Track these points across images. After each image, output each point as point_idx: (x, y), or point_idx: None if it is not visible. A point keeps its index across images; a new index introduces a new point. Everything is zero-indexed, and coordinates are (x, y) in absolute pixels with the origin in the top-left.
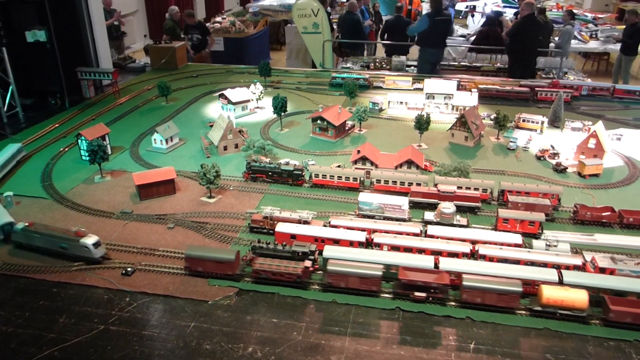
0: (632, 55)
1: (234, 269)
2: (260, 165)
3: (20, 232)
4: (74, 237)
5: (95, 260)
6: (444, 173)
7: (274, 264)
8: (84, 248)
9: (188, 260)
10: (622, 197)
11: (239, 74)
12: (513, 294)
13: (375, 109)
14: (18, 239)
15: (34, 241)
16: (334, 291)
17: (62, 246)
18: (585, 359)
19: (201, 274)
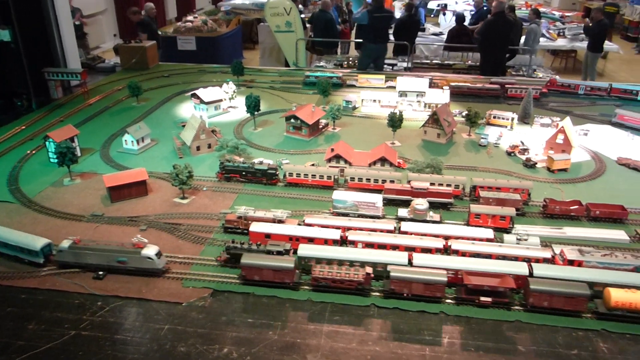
0: (598, 52)
1: (292, 277)
2: (233, 165)
3: (67, 250)
4: (134, 249)
5: (159, 271)
6: (417, 170)
7: (334, 270)
8: (147, 260)
9: (244, 269)
10: (589, 191)
11: (212, 73)
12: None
13: (348, 107)
14: (64, 259)
15: (84, 258)
16: (318, 290)
17: (119, 260)
18: (555, 348)
19: (258, 282)
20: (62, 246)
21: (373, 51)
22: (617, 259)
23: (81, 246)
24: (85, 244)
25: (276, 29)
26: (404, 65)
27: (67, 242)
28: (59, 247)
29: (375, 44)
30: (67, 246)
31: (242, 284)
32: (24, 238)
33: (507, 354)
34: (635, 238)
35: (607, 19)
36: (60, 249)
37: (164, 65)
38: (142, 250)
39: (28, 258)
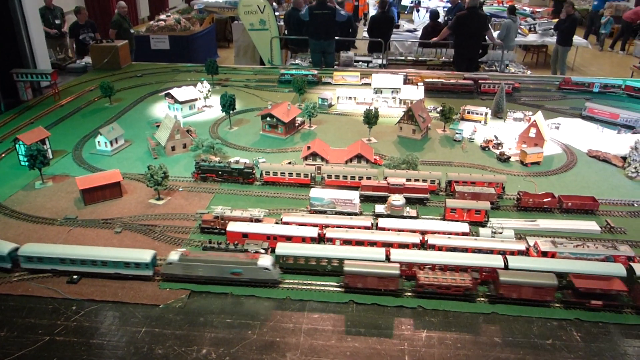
0: (568, 45)
1: (396, 284)
2: (209, 164)
3: (177, 263)
4: (250, 260)
5: (275, 282)
6: (393, 166)
7: (440, 276)
8: (264, 271)
9: (348, 277)
10: (562, 183)
11: (186, 72)
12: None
13: (324, 105)
14: (172, 271)
15: (195, 271)
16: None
17: (234, 272)
18: (530, 339)
19: (361, 290)
20: (171, 258)
21: (318, 47)
22: (589, 249)
23: (192, 258)
24: (196, 256)
25: (250, 27)
26: (379, 62)
27: (176, 254)
28: (167, 259)
29: (317, 40)
30: (177, 258)
31: (344, 292)
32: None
33: (483, 345)
34: (606, 228)
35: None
36: (170, 261)
37: (136, 65)
38: (259, 260)
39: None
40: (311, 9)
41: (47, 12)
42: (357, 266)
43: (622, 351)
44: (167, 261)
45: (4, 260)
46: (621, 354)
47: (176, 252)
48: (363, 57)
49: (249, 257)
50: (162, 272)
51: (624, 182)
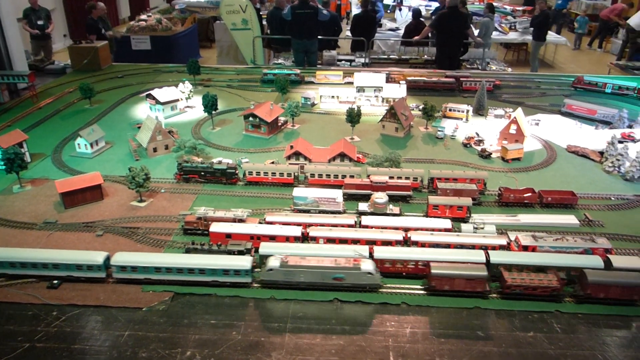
0: (542, 41)
1: (484, 286)
2: (192, 165)
3: (278, 269)
4: (353, 265)
5: (377, 286)
6: (376, 164)
7: (527, 277)
8: (367, 275)
9: (434, 279)
10: (542, 179)
11: (167, 73)
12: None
13: (307, 104)
14: (272, 278)
15: (296, 277)
16: (271, 288)
17: (337, 277)
18: (512, 331)
19: (448, 292)
20: (272, 265)
21: (300, 46)
22: (568, 242)
23: (293, 264)
24: (297, 262)
25: (232, 26)
26: (362, 61)
27: (276, 260)
28: (267, 265)
29: (300, 39)
30: (279, 265)
31: (429, 294)
32: None
33: (466, 339)
34: (585, 222)
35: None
36: (270, 267)
37: (117, 66)
38: (362, 265)
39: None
40: (293, 8)
41: (31, 13)
42: (445, 268)
43: (601, 341)
44: (268, 267)
45: (99, 269)
46: (600, 344)
47: (276, 258)
48: (346, 56)
49: (350, 262)
50: (262, 279)
51: (602, 177)
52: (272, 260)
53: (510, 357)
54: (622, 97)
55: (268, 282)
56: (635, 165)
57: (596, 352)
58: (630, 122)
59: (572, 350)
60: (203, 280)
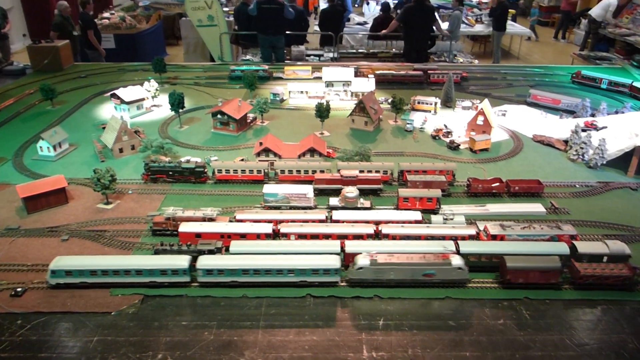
0: (502, 30)
1: (557, 277)
2: (159, 165)
3: (368, 268)
4: (443, 260)
5: (466, 281)
6: (346, 158)
7: (599, 267)
8: (457, 270)
9: (510, 272)
10: (509, 168)
11: (133, 71)
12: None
13: (276, 100)
14: (362, 276)
15: (386, 275)
16: (242, 286)
17: (427, 274)
18: (483, 320)
19: (520, 285)
20: (361, 263)
21: (267, 42)
22: (535, 230)
23: (383, 262)
24: (387, 260)
25: (198, 23)
26: (331, 55)
27: (365, 258)
28: (357, 264)
29: (267, 35)
30: (369, 263)
31: (503, 287)
32: None
33: (438, 329)
34: (551, 209)
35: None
36: (360, 266)
37: (80, 66)
38: (452, 260)
39: None
40: (259, 4)
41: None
42: (521, 261)
43: (568, 325)
44: (357, 266)
45: (185, 274)
46: (567, 328)
47: (364, 256)
48: (314, 51)
49: (439, 257)
50: (351, 278)
51: (567, 165)
52: (361, 259)
53: (481, 345)
54: (616, 93)
55: (357, 281)
56: (598, 153)
57: (564, 337)
58: (592, 111)
59: (541, 336)
60: (291, 281)
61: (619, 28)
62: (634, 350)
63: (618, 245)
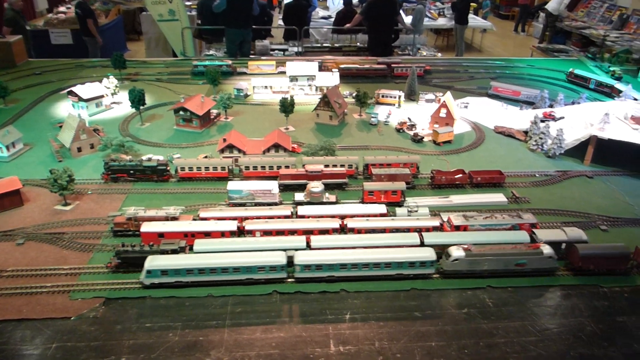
0: (465, 24)
1: (626, 263)
2: (120, 164)
3: (464, 259)
4: (534, 250)
5: (556, 269)
6: (311, 153)
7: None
8: (548, 259)
9: (583, 259)
10: (472, 160)
11: (91, 68)
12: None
13: (240, 96)
14: (457, 268)
15: (481, 265)
16: (210, 285)
17: (519, 263)
18: (447, 309)
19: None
20: (457, 255)
21: (237, 36)
22: (497, 220)
23: (478, 253)
24: (480, 251)
25: (159, 17)
26: (295, 50)
27: (458, 250)
28: (452, 256)
29: (238, 28)
30: (464, 255)
31: (574, 274)
32: None
33: (405, 321)
34: (512, 199)
35: None
36: (456, 257)
37: (34, 62)
38: (544, 250)
39: None
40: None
41: None
42: (592, 248)
43: (530, 311)
44: (453, 258)
45: (282, 270)
46: (529, 314)
47: (458, 248)
48: (279, 45)
49: (529, 247)
50: (446, 270)
51: (527, 155)
52: (456, 251)
53: (447, 335)
54: (603, 95)
55: (451, 273)
56: (556, 143)
57: (526, 323)
58: (551, 102)
59: (504, 323)
60: (388, 274)
61: (575, 21)
62: (592, 332)
63: (575, 232)
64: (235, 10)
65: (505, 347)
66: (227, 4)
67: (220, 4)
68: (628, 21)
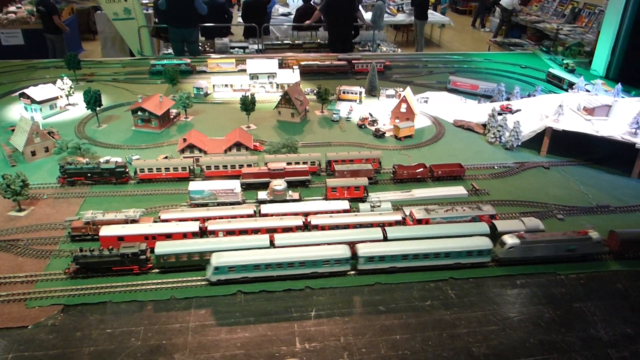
0: (424, 19)
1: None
2: (77, 167)
3: (518, 246)
4: (583, 235)
5: (602, 253)
6: (274, 151)
7: None
8: (596, 244)
9: (622, 244)
10: (433, 154)
11: (44, 69)
12: None
13: (200, 94)
14: (512, 255)
15: (534, 252)
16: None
17: (569, 249)
18: (411, 302)
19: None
20: (512, 242)
21: (177, 35)
22: (457, 212)
23: (531, 240)
24: (533, 238)
25: (114, 16)
26: (255, 47)
27: (512, 238)
28: (507, 244)
29: (178, 27)
30: (519, 242)
31: (614, 259)
32: None
33: (369, 316)
34: (472, 191)
35: None
36: (511, 245)
37: None
38: (592, 235)
39: None
40: None
41: None
42: (632, 234)
43: (491, 301)
44: (508, 246)
45: (347, 262)
46: (490, 304)
47: (512, 236)
48: (239, 43)
49: (579, 233)
50: (502, 257)
51: (485, 148)
52: (510, 239)
53: (411, 327)
54: None
55: (506, 260)
56: (514, 135)
57: (487, 313)
58: (507, 95)
59: (466, 313)
60: (447, 264)
61: (529, 15)
62: (550, 319)
63: (533, 222)
64: (174, 8)
65: (468, 337)
66: (167, 3)
67: (162, 2)
68: (580, 15)
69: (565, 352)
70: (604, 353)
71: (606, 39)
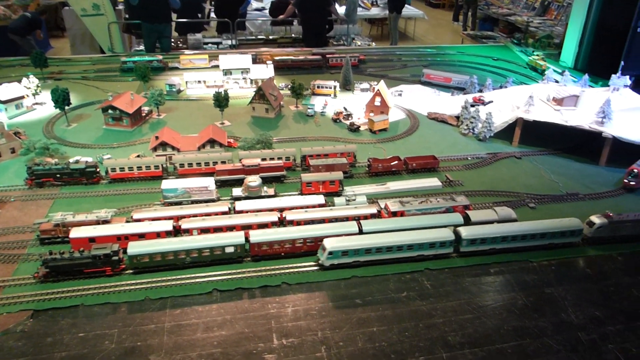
0: (398, 13)
1: None
2: (45, 168)
3: (607, 226)
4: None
5: None
6: (248, 147)
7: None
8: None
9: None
10: (407, 146)
11: (9, 67)
12: None
13: (172, 91)
14: (601, 234)
15: (620, 231)
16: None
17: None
18: (388, 294)
19: None
20: (600, 222)
21: (150, 31)
22: (432, 204)
23: (619, 219)
24: (620, 218)
25: (82, 12)
26: (229, 43)
27: (600, 218)
28: (597, 223)
29: (151, 23)
30: (608, 222)
31: None
32: None
33: (346, 309)
34: (446, 182)
35: None
36: (600, 225)
37: None
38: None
39: None
40: None
41: None
42: None
43: (466, 290)
44: (597, 225)
45: (451, 245)
46: (465, 293)
47: (599, 216)
48: (212, 38)
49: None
50: (591, 236)
51: (459, 139)
52: (597, 219)
53: (387, 319)
54: None
55: (595, 239)
56: (486, 126)
57: (462, 302)
58: (480, 87)
59: (442, 303)
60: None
61: (501, 8)
62: (523, 305)
63: (505, 211)
64: (146, 3)
65: (444, 326)
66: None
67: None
68: (549, 8)
69: (538, 337)
70: (574, 336)
71: (574, 31)
